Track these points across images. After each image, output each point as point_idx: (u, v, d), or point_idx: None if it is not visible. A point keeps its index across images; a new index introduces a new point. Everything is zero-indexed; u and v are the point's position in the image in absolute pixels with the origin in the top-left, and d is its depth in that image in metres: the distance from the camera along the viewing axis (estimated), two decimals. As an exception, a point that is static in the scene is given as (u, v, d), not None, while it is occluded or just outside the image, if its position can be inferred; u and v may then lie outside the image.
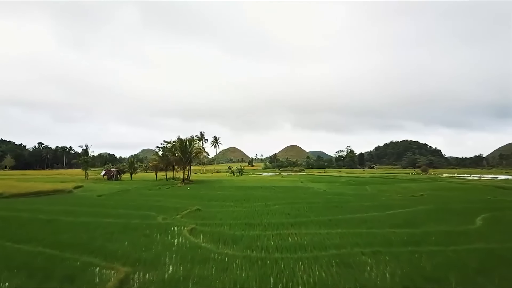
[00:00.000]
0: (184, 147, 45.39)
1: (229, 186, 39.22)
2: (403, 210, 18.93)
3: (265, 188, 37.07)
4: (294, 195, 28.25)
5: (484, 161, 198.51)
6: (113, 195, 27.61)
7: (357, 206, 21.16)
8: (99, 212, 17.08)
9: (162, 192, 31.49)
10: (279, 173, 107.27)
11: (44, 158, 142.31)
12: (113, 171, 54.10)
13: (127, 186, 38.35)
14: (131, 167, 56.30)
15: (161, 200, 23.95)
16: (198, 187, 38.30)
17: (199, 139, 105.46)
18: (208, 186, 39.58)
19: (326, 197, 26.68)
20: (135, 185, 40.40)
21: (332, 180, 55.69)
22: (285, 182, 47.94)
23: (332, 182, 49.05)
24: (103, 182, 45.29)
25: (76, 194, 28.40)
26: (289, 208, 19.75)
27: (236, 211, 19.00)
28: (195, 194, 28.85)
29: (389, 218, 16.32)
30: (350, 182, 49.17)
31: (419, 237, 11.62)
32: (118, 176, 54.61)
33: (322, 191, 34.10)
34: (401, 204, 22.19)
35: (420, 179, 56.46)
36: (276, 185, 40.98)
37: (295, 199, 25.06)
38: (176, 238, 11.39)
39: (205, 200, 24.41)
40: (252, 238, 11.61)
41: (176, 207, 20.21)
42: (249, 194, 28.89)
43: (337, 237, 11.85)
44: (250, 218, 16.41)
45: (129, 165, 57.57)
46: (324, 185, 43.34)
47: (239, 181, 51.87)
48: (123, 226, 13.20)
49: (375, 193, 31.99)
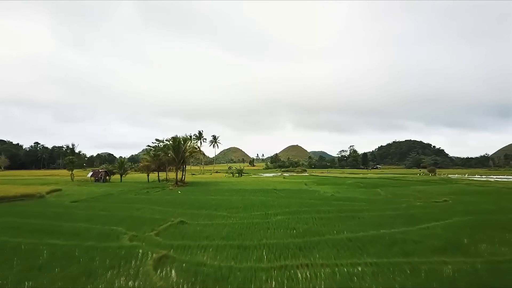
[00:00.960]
0: (177, 146, 41.65)
1: (225, 189, 35.46)
2: (437, 224, 15.10)
3: (266, 191, 33.30)
4: (298, 201, 24.44)
5: (490, 161, 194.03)
6: (88, 201, 23.89)
7: (377, 216, 17.35)
8: (50, 228, 13.33)
9: (148, 197, 27.76)
10: (280, 174, 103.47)
11: (40, 158, 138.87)
12: (101, 172, 50.29)
13: (112, 189, 34.60)
14: (121, 168, 52.90)
15: (142, 207, 20.22)
16: (191, 191, 34.55)
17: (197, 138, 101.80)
18: (203, 189, 35.83)
19: (336, 204, 22.86)
20: (122, 187, 36.65)
21: (338, 182, 51.82)
22: (287, 185, 44.14)
23: (338, 184, 45.21)
24: (88, 185, 41.50)
25: (46, 200, 24.66)
26: (295, 220, 15.98)
27: (229, 224, 15.24)
28: (184, 200, 25.10)
29: (426, 236, 12.53)
30: (358, 184, 45.30)
31: (488, 272, 7.89)
32: (106, 177, 51.06)
33: (330, 195, 30.28)
34: (429, 213, 18.36)
35: (433, 180, 52.54)
36: (278, 188, 37.19)
37: (300, 206, 21.27)
38: (132, 280, 7.64)
39: (194, 207, 20.66)
40: (245, 277, 7.87)
41: (155, 218, 16.48)
42: (247, 199, 25.11)
43: (368, 274, 8.10)
44: (245, 237, 12.66)
45: (119, 165, 54.10)
46: (331, 187, 39.51)
47: (238, 183, 48.10)
48: (64, 254, 9.45)
49: (391, 198, 28.14)
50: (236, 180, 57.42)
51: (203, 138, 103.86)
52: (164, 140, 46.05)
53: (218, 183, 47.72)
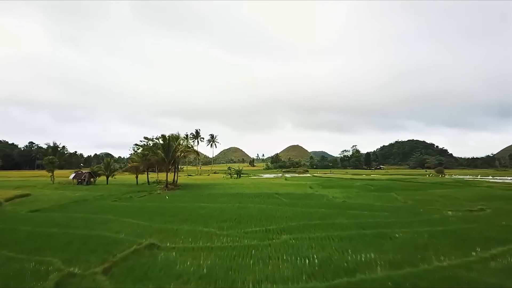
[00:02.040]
0: (167, 145, 37.45)
1: (220, 194, 31.27)
2: (505, 249, 10.92)
3: (266, 196, 29.11)
4: (306, 210, 20.23)
5: (497, 161, 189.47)
6: (50, 211, 19.71)
7: (413, 235, 13.14)
8: None
9: (128, 204, 23.57)
10: (281, 175, 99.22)
11: (33, 158, 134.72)
12: (84, 174, 46.21)
13: (90, 193, 30.37)
14: (107, 169, 48.56)
15: (112, 221, 16.05)
16: (181, 195, 30.36)
17: (194, 137, 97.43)
18: (194, 194, 31.63)
19: (353, 214, 18.63)
20: (103, 191, 32.41)
21: (345, 184, 47.55)
22: (290, 188, 39.90)
23: (346, 187, 40.96)
24: (66, 188, 37.14)
25: (1, 209, 20.45)
26: (306, 242, 11.79)
27: (216, 249, 11.05)
28: (169, 208, 20.91)
29: (505, 277, 8.37)
30: (368, 187, 41.06)
31: None
32: (91, 179, 46.83)
33: (341, 201, 26.09)
34: (478, 230, 14.10)
35: (447, 182, 48.22)
36: (280, 192, 32.99)
37: (309, 217, 17.09)
38: None
39: (177, 220, 16.49)
40: None
41: (119, 238, 12.29)
42: (244, 208, 20.90)
43: None
44: (235, 275, 8.49)
45: (105, 166, 49.22)
46: (339, 191, 35.28)
47: (236, 185, 43.91)
48: None
49: (413, 205, 23.92)
50: (234, 182, 53.21)
51: (200, 137, 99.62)
52: (153, 139, 41.95)
53: (214, 185, 43.51)
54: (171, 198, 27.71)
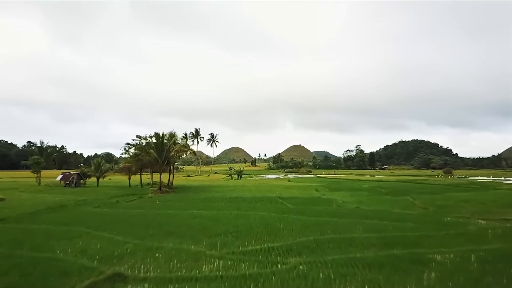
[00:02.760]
0: (160, 144, 34.57)
1: (218, 198, 28.36)
2: None
3: (269, 201, 26.20)
4: (315, 219, 17.28)
5: (503, 161, 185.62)
6: (12, 221, 16.82)
7: (457, 260, 10.16)
8: None
9: (111, 212, 20.71)
10: (284, 175, 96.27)
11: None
12: (73, 175, 43.12)
13: (73, 197, 27.49)
14: (98, 170, 44.80)
15: (81, 235, 13.18)
16: (174, 200, 27.47)
17: (194, 137, 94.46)
18: (189, 198, 28.73)
19: (371, 225, 15.65)
20: (88, 195, 29.53)
21: (353, 186, 44.52)
22: (294, 190, 36.94)
23: (355, 190, 37.96)
24: (50, 191, 34.03)
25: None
26: (323, 272, 8.84)
27: (202, 280, 8.12)
28: (155, 217, 18.01)
29: None
30: (378, 190, 38.07)
31: None
32: (80, 181, 43.77)
33: (354, 207, 23.12)
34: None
35: (462, 184, 45.00)
36: (284, 196, 30.06)
37: (321, 230, 14.16)
38: None
39: (160, 234, 13.60)
40: None
41: (77, 264, 9.37)
42: (243, 217, 17.97)
43: None
44: None
45: (95, 167, 45.32)
46: (348, 195, 32.30)
47: (236, 188, 40.99)
48: None
49: (437, 213, 20.94)
50: (234, 183, 50.25)
51: (200, 136, 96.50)
52: (147, 137, 39.01)
53: (212, 188, 40.60)
54: (162, 203, 24.82)
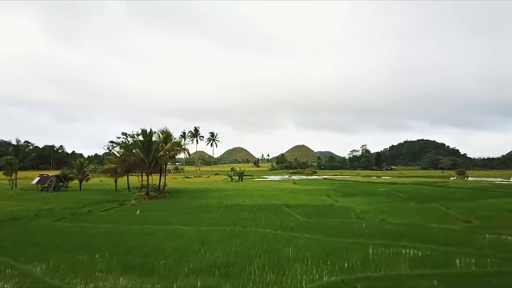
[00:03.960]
0: (147, 143, 30.18)
1: (213, 206, 23.94)
2: None
3: (273, 210, 21.76)
4: (335, 240, 12.74)
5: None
6: None
7: None
8: None
9: (68, 228, 16.29)
10: (288, 176, 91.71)
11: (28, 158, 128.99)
12: (51, 178, 38.18)
13: (39, 205, 22.98)
14: (80, 172, 39.53)
15: None
16: (160, 208, 23.08)
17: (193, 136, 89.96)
18: (179, 206, 24.34)
19: (419, 255, 11.08)
20: (61, 202, 25.05)
21: (366, 189, 39.86)
22: (302, 195, 32.39)
23: (371, 195, 33.36)
24: (20, 197, 28.88)
25: None
26: None
27: None
28: (124, 235, 13.60)
29: None
30: (396, 195, 33.53)
31: None
32: (60, 184, 39.15)
33: (379, 220, 18.55)
34: None
35: (490, 189, 40.04)
36: (291, 203, 25.60)
37: (348, 262, 9.65)
38: None
39: (116, 268, 9.17)
40: None
41: None
42: (240, 236, 13.49)
43: None
44: None
45: (78, 168, 39.86)
46: (365, 201, 27.73)
47: (235, 192, 36.53)
48: None
49: (488, 229, 16.30)
50: (235, 186, 45.74)
51: (199, 135, 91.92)
52: (134, 135, 34.52)
53: (209, 192, 36.15)
54: (143, 213, 20.40)
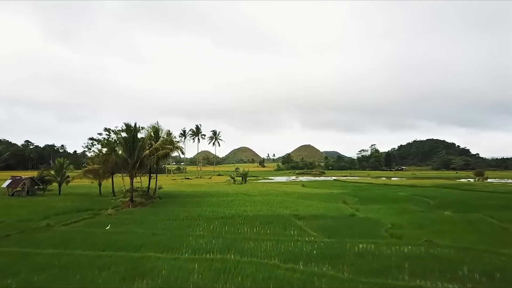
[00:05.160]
0: (131, 139, 25.59)
1: (206, 217, 19.44)
2: None
3: (281, 224, 17.23)
4: (373, 283, 8.10)
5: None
6: None
7: None
8: None
9: (9, 252, 11.91)
10: (295, 177, 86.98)
11: (27, 158, 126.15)
12: (24, 181, 32.30)
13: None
14: (59, 173, 33.59)
15: None
16: (139, 220, 18.63)
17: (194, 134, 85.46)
18: (165, 217, 19.86)
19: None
20: (21, 211, 20.38)
21: (386, 194, 35.05)
22: (315, 201, 27.71)
23: (394, 202, 28.61)
24: None
25: None
26: None
27: None
28: (68, 268, 9.14)
29: None
30: (424, 201, 28.81)
31: None
32: (34, 188, 33.84)
33: (423, 242, 13.83)
34: None
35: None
36: (302, 213, 21.04)
37: None
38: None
39: None
40: None
41: None
42: (234, 273, 8.92)
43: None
44: None
45: (56, 170, 34.00)
46: (392, 210, 23.01)
47: (237, 196, 32.02)
48: None
49: None
50: (237, 190, 41.19)
51: (201, 133, 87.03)
52: (118, 130, 29.79)
53: (206, 196, 31.67)
54: (115, 228, 15.96)
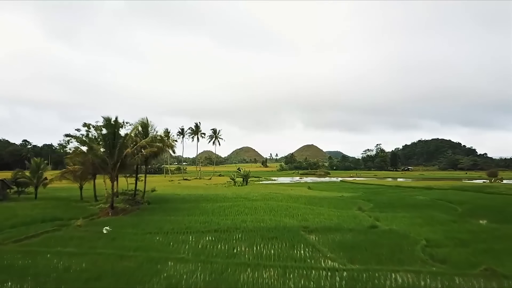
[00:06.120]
0: (111, 136, 21.90)
1: (196, 230, 15.83)
2: None
3: (288, 240, 13.65)
4: None
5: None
6: None
7: None
8: None
9: None
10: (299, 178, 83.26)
11: (23, 158, 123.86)
12: None
13: None
14: (35, 175, 29.18)
15: None
16: (116, 234, 15.05)
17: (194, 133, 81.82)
18: (145, 229, 16.24)
19: None
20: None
21: (404, 198, 31.29)
22: (325, 208, 23.95)
23: (416, 208, 24.89)
24: None
25: None
26: None
27: None
28: None
29: None
30: (450, 207, 25.20)
31: None
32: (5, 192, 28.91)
33: (481, 270, 10.17)
34: None
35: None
36: (312, 224, 17.44)
37: None
38: None
39: None
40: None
41: None
42: None
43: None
44: None
45: (32, 171, 29.61)
46: (417, 219, 19.33)
47: (237, 201, 28.42)
48: None
49: None
50: (237, 192, 37.58)
51: (201, 132, 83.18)
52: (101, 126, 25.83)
53: (201, 201, 28.06)
54: (74, 248, 12.43)
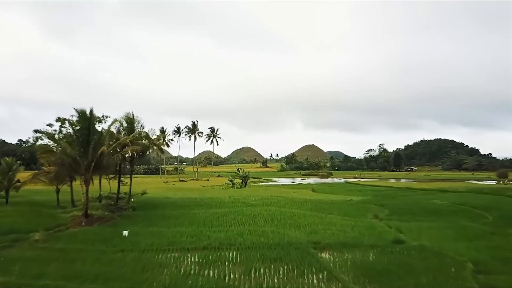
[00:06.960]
0: (85, 131, 18.72)
1: (181, 247, 12.83)
2: None
3: (295, 259, 10.68)
4: None
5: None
6: None
7: None
8: None
9: None
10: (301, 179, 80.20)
11: (19, 158, 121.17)
12: None
13: None
14: (5, 177, 25.57)
15: None
16: (77, 254, 12.05)
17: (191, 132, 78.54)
18: (119, 245, 13.24)
19: None
20: None
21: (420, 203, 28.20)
22: (335, 216, 20.86)
23: (438, 215, 21.85)
24: None
25: None
26: None
27: None
28: None
29: None
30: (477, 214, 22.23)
31: None
32: None
33: None
34: None
35: None
36: (323, 238, 14.43)
37: None
38: None
39: None
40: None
41: None
42: None
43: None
44: None
45: (2, 173, 25.82)
46: (448, 231, 16.31)
47: (233, 206, 25.33)
48: None
49: None
50: (235, 195, 34.50)
51: (198, 131, 79.80)
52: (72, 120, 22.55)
53: (194, 206, 24.97)
54: (13, 277, 9.48)
